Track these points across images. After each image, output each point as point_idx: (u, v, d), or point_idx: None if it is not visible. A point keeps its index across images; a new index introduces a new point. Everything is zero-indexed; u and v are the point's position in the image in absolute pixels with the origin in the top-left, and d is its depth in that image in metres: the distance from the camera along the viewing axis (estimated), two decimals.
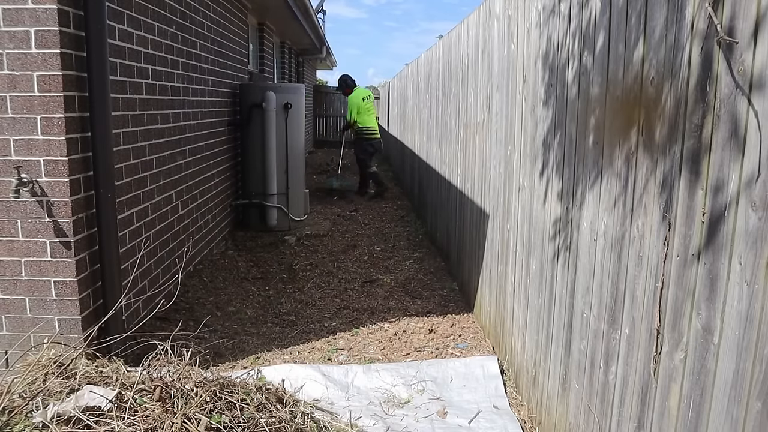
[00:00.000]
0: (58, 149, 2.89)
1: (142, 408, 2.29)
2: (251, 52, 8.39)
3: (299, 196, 6.99)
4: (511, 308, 3.34)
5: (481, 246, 4.09)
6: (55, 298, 3.02)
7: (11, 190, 2.89)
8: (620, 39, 1.97)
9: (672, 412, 1.64)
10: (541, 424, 2.78)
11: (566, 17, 2.47)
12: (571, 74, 2.41)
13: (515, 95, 3.25)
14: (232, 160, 6.51)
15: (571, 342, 2.41)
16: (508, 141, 3.40)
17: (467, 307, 4.53)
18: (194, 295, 4.58)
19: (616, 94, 2.00)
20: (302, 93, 6.95)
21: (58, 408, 2.23)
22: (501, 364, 3.38)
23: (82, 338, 2.99)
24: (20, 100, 2.87)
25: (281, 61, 11.91)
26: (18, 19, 2.81)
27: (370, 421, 2.81)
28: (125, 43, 3.54)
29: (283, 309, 4.48)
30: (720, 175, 1.43)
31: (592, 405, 2.19)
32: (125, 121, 3.56)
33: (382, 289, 4.96)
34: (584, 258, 2.28)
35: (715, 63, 1.45)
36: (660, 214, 1.72)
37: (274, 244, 6.22)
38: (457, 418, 2.90)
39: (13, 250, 3.00)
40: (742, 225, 1.35)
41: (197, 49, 5.05)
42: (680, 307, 1.61)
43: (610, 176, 2.05)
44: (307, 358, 3.62)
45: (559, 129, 2.55)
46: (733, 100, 1.38)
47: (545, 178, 2.73)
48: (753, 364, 1.31)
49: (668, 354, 1.67)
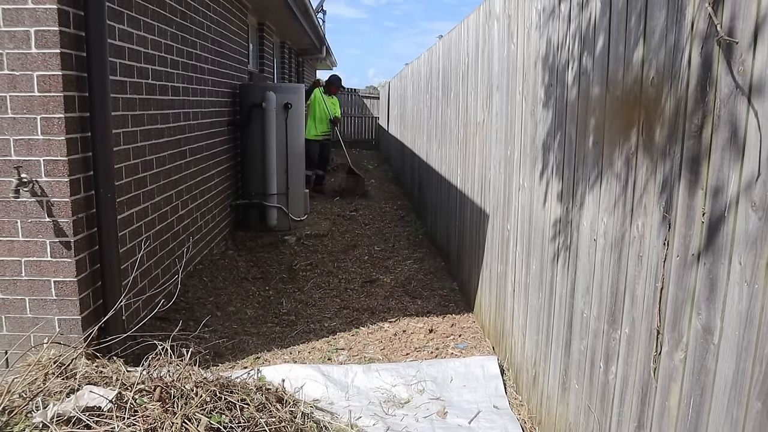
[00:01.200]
0: (58, 149, 2.89)
1: (142, 408, 2.29)
2: (251, 52, 8.38)
3: (299, 196, 6.99)
4: (511, 308, 3.34)
5: (481, 246, 4.09)
6: (55, 298, 3.02)
7: (11, 190, 2.89)
8: (620, 39, 1.97)
9: (672, 412, 1.64)
10: (541, 424, 2.78)
11: (566, 18, 2.47)
12: (571, 74, 2.41)
13: (515, 95, 3.25)
14: (232, 160, 6.51)
15: (571, 342, 2.41)
16: (508, 141, 3.40)
17: (467, 307, 4.53)
18: (194, 295, 4.58)
19: (616, 94, 2.00)
20: (302, 93, 6.95)
21: (58, 408, 2.23)
22: (501, 364, 3.38)
23: (82, 338, 2.99)
24: (20, 100, 2.87)
25: (281, 61, 11.91)
26: (18, 19, 2.81)
27: (370, 421, 2.81)
28: (125, 43, 3.54)
29: (283, 309, 4.48)
30: (720, 175, 1.43)
31: (592, 405, 2.19)
32: (125, 121, 3.56)
33: (382, 289, 4.96)
34: (584, 258, 2.28)
35: (715, 63, 1.45)
36: (660, 214, 1.72)
37: (274, 244, 6.22)
38: (457, 418, 2.90)
39: (13, 250, 3.00)
40: (742, 225, 1.35)
41: (197, 49, 5.05)
42: (680, 307, 1.61)
43: (609, 176, 2.05)
44: (307, 358, 3.62)
45: (559, 129, 2.55)
46: (733, 100, 1.38)
47: (545, 178, 2.73)
48: (753, 364, 1.31)
49: (668, 354, 1.67)
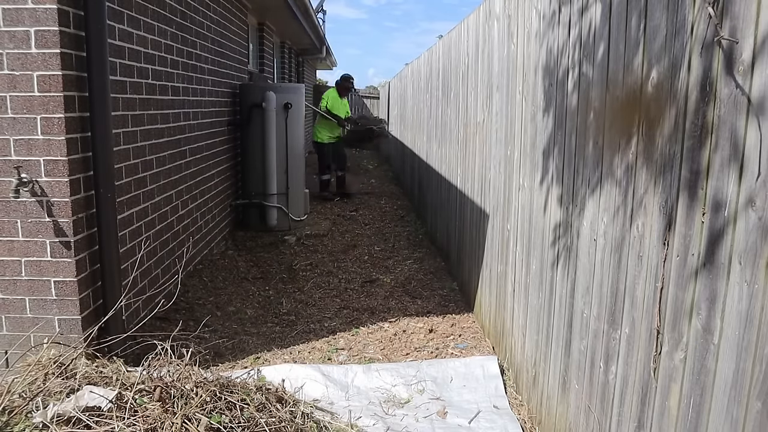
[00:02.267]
0: (58, 149, 2.89)
1: (142, 408, 2.29)
2: (251, 52, 8.38)
3: (299, 196, 6.99)
4: (511, 308, 3.34)
5: (481, 246, 4.09)
6: (55, 298, 3.02)
7: (11, 190, 2.89)
8: (620, 39, 1.97)
9: (672, 412, 1.64)
10: (541, 424, 2.78)
11: (566, 22, 2.46)
12: (571, 75, 2.41)
13: (515, 95, 3.25)
14: (232, 160, 6.51)
15: (571, 342, 2.41)
16: (508, 141, 3.40)
17: (467, 307, 4.53)
18: (194, 295, 4.58)
19: (616, 93, 2.00)
20: (302, 93, 6.95)
21: (58, 408, 2.23)
22: (501, 364, 3.38)
23: (82, 338, 2.99)
24: (20, 100, 2.87)
25: (281, 61, 11.91)
26: (18, 19, 2.81)
27: (370, 421, 2.81)
28: (125, 43, 3.54)
29: (283, 309, 4.48)
30: (720, 175, 1.43)
31: (592, 405, 2.19)
32: (125, 121, 3.56)
33: (382, 289, 4.96)
34: (584, 258, 2.28)
35: (716, 63, 1.45)
36: (660, 214, 1.71)
37: (274, 244, 6.22)
38: (457, 418, 2.90)
39: (13, 250, 3.00)
40: (743, 225, 1.35)
41: (197, 49, 5.05)
42: (680, 307, 1.61)
43: (610, 176, 2.05)
44: (307, 358, 3.62)
45: (560, 129, 2.55)
46: (733, 100, 1.38)
47: (545, 178, 2.73)
48: (753, 364, 1.31)
49: (668, 354, 1.67)
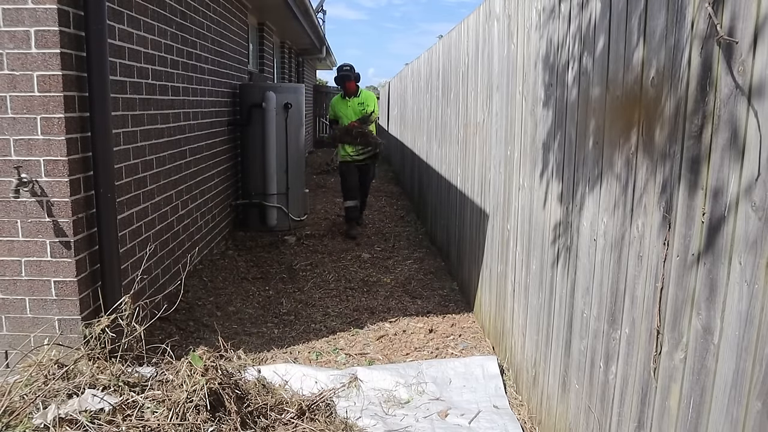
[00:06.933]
0: (58, 149, 2.89)
1: (149, 411, 2.29)
2: (251, 52, 8.38)
3: (299, 196, 6.99)
4: (511, 308, 3.34)
5: (481, 246, 4.09)
6: (55, 298, 3.02)
7: (11, 190, 2.89)
8: (620, 39, 1.97)
9: (672, 411, 1.64)
10: (541, 424, 2.78)
11: (566, 18, 2.47)
12: (571, 74, 2.41)
13: (515, 95, 3.25)
14: (232, 160, 6.51)
15: (571, 342, 2.41)
16: (508, 141, 3.40)
17: (467, 307, 4.53)
18: (194, 295, 4.58)
19: (616, 93, 2.00)
20: (302, 93, 6.95)
21: (58, 410, 2.23)
22: (501, 364, 3.38)
23: (82, 338, 2.98)
24: (20, 100, 2.87)
25: (281, 61, 11.91)
26: (18, 19, 2.81)
27: (370, 421, 2.80)
28: (125, 43, 3.54)
29: (283, 309, 4.48)
30: (720, 175, 1.43)
31: (592, 405, 2.19)
32: (125, 121, 3.56)
33: (382, 289, 4.96)
34: (584, 258, 2.28)
35: (715, 63, 1.45)
36: (660, 214, 1.71)
37: (274, 244, 6.22)
38: (457, 418, 2.90)
39: (13, 250, 3.00)
40: (742, 225, 1.35)
41: (197, 49, 5.05)
42: (680, 307, 1.61)
43: (610, 176, 2.05)
44: (307, 358, 3.62)
45: (559, 129, 2.55)
46: (733, 100, 1.38)
47: (545, 178, 2.73)
48: (753, 364, 1.31)
49: (668, 354, 1.67)
